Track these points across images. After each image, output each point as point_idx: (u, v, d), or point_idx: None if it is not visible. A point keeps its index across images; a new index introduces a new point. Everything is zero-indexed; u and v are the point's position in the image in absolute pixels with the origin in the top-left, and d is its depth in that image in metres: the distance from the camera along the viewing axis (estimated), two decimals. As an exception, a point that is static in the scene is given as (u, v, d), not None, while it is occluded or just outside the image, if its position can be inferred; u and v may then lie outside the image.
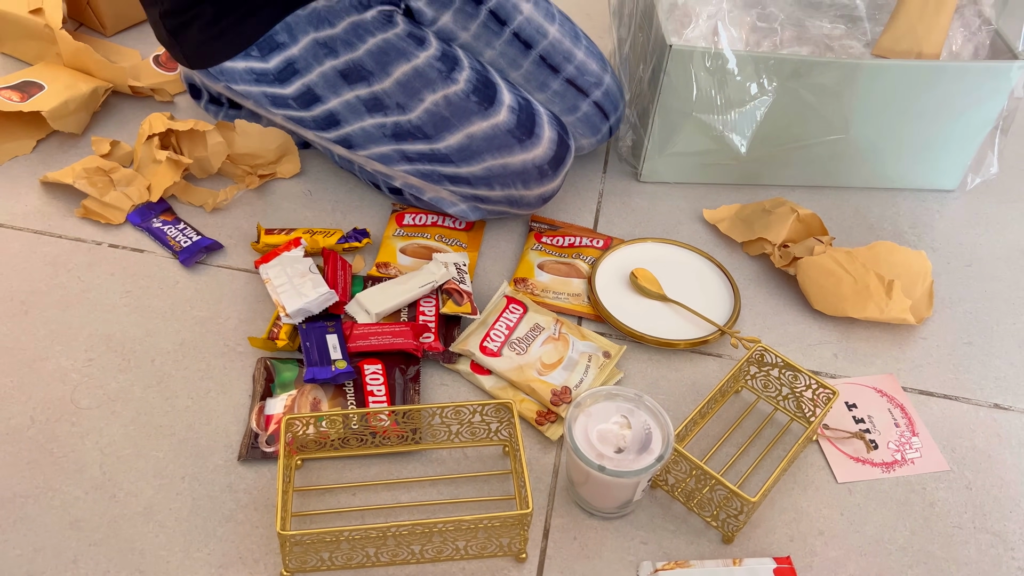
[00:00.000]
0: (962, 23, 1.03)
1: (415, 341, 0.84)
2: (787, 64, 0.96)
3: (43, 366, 0.82)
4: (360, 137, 0.93)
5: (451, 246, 0.97)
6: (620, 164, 1.12)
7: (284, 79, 0.92)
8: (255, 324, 0.88)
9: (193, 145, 1.01)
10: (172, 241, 0.94)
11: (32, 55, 1.16)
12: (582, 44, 1.03)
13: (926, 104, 1.01)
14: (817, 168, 1.08)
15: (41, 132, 1.06)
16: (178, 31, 0.93)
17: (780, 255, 0.97)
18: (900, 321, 0.92)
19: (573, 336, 0.87)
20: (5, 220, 0.96)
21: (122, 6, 1.24)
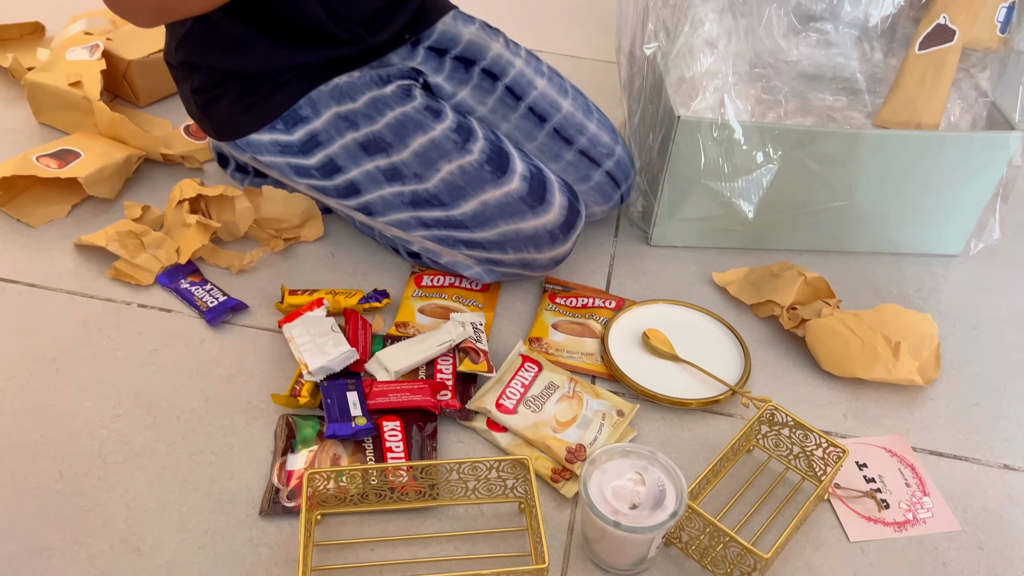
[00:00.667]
0: (959, 95, 1.07)
1: (433, 399, 0.87)
2: (791, 134, 1.00)
3: (72, 422, 0.84)
4: (379, 205, 0.97)
5: (468, 306, 1.00)
6: (631, 228, 1.15)
7: (307, 151, 0.97)
8: (278, 382, 0.90)
9: (221, 209, 1.05)
10: (199, 301, 0.97)
11: (70, 125, 1.22)
12: (594, 117, 1.07)
13: (927, 172, 1.05)
14: (823, 233, 1.12)
15: (76, 197, 1.11)
16: (207, 106, 0.98)
17: (788, 317, 0.99)
18: (908, 382, 0.93)
19: (587, 395, 0.89)
20: (40, 281, 0.99)
21: (155, 79, 1.30)
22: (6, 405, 0.85)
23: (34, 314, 0.95)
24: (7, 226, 1.07)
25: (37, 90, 1.22)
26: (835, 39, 1.08)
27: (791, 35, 1.08)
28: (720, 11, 1.06)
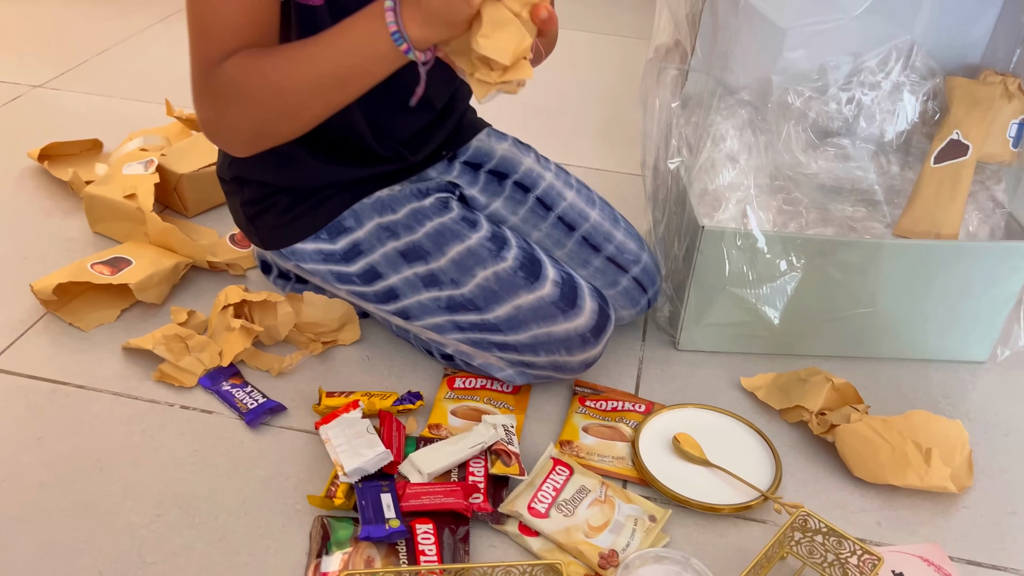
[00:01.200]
0: (976, 206, 1.10)
1: (465, 501, 0.88)
2: (813, 243, 1.03)
3: (114, 521, 0.86)
4: (417, 309, 1.01)
5: (499, 408, 1.02)
6: (659, 333, 1.18)
7: (350, 259, 1.01)
8: (314, 483, 0.92)
9: (264, 314, 1.09)
10: (239, 403, 1.00)
11: (123, 234, 1.29)
12: (621, 226, 1.12)
13: (949, 281, 1.07)
14: (848, 339, 1.13)
15: (126, 302, 1.16)
16: (256, 217, 1.04)
17: (818, 423, 1.00)
18: (941, 489, 0.93)
19: (619, 499, 0.90)
20: (88, 383, 1.03)
21: (203, 192, 1.38)
22: (51, 504, 0.87)
23: (81, 415, 0.99)
24: (59, 330, 1.11)
25: (94, 202, 1.29)
26: (852, 153, 1.13)
27: (809, 149, 1.14)
28: (740, 127, 1.12)
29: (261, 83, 0.80)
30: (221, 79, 0.81)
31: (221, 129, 0.85)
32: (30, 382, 1.03)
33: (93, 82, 1.84)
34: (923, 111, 1.11)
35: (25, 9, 2.20)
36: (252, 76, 0.80)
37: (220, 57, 0.81)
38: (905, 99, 1.11)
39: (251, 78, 0.80)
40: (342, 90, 0.81)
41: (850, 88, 1.10)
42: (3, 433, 0.96)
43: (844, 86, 1.10)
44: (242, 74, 0.80)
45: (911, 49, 1.10)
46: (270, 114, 0.82)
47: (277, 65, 0.80)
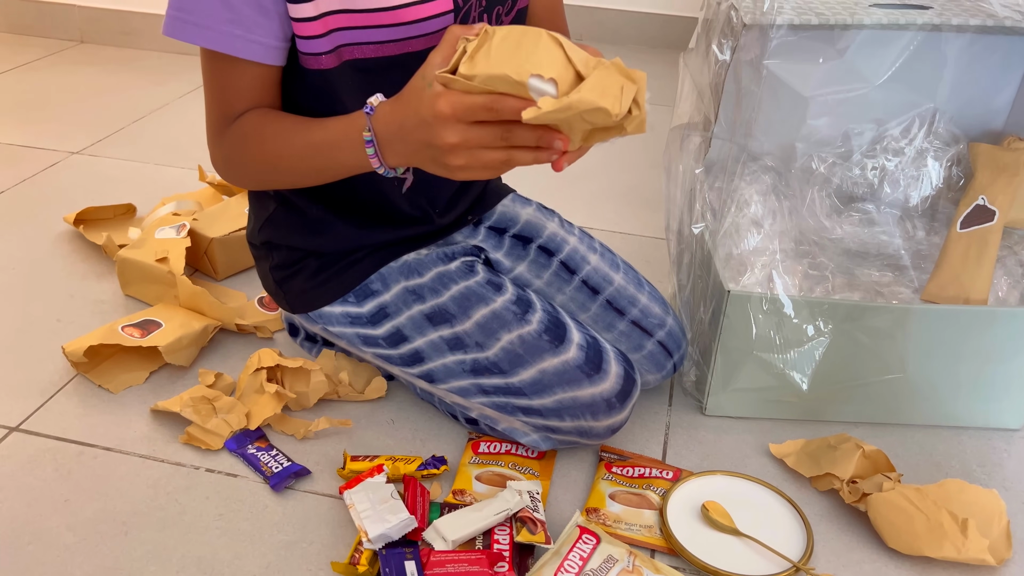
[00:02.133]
0: (1005, 271, 1.10)
1: (490, 570, 0.86)
2: (841, 308, 1.03)
3: (137, 586, 0.86)
4: (442, 372, 1.01)
5: (524, 474, 1.01)
6: (685, 398, 1.17)
7: (376, 322, 1.02)
8: (337, 549, 0.91)
9: (295, 380, 1.10)
10: (264, 467, 1.00)
11: (153, 297, 1.31)
12: (645, 290, 1.12)
13: (979, 346, 1.06)
14: (878, 405, 1.12)
15: (155, 364, 1.17)
16: (284, 281, 1.06)
17: (849, 491, 0.98)
18: (979, 562, 0.90)
19: (647, 569, 0.88)
20: (115, 445, 1.04)
21: (233, 255, 1.40)
22: (75, 568, 0.87)
23: (108, 477, 0.99)
24: (89, 391, 1.13)
25: (127, 265, 1.32)
26: (877, 218, 1.14)
27: (834, 214, 1.14)
28: (764, 193, 1.13)
29: (261, 152, 0.88)
30: (231, 138, 0.89)
31: (231, 175, 0.93)
32: (58, 444, 1.04)
33: (129, 148, 1.90)
34: (947, 176, 1.12)
35: (65, 78, 2.29)
36: (254, 143, 0.88)
37: (231, 117, 0.89)
38: (929, 165, 1.12)
39: (253, 145, 0.88)
40: (332, 176, 0.87)
41: (874, 154, 1.11)
42: (31, 495, 0.96)
43: (868, 152, 1.11)
44: (247, 139, 0.88)
45: (934, 116, 1.11)
46: (270, 175, 0.90)
47: (276, 138, 0.86)
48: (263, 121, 0.88)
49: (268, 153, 0.87)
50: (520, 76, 0.65)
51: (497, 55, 0.66)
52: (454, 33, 0.72)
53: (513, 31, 0.68)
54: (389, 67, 0.89)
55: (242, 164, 0.90)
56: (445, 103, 0.69)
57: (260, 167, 0.89)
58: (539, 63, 0.65)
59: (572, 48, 0.67)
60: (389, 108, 0.77)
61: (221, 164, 0.92)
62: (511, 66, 0.66)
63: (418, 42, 0.89)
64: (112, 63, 2.43)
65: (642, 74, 0.66)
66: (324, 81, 0.89)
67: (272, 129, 0.87)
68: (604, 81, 0.65)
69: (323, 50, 0.86)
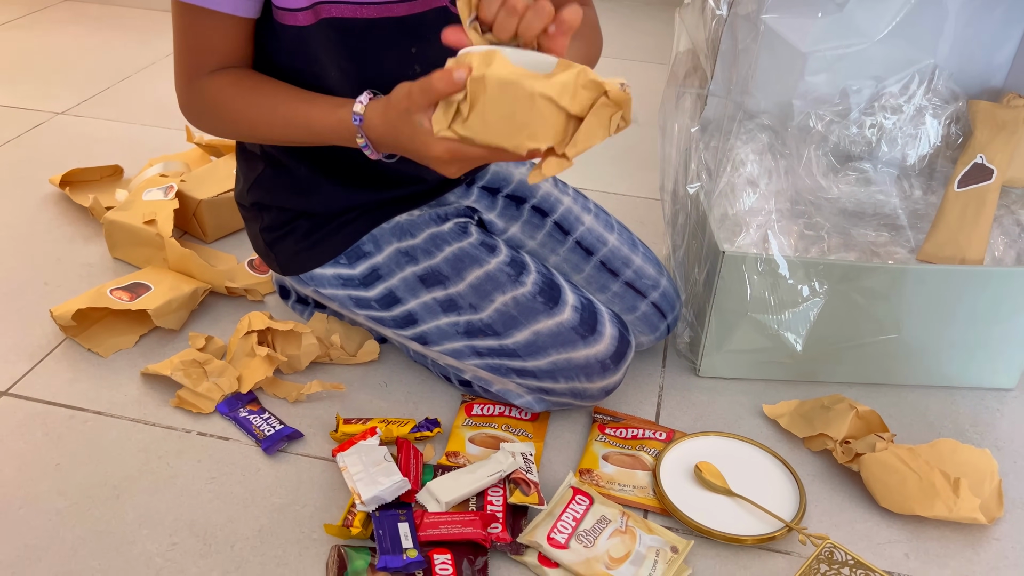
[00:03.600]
0: (1002, 231, 1.09)
1: (483, 531, 0.86)
2: (836, 269, 1.02)
3: (129, 550, 0.85)
4: (435, 334, 1.00)
5: (518, 436, 1.01)
6: (679, 359, 1.17)
7: (368, 284, 1.01)
8: (330, 512, 0.91)
9: (287, 344, 1.09)
10: (256, 430, 0.99)
11: (141, 260, 1.29)
12: (639, 251, 1.11)
13: (974, 306, 1.05)
14: (872, 366, 1.11)
15: (144, 328, 1.16)
16: (275, 243, 1.04)
17: (842, 451, 0.98)
18: (970, 520, 0.91)
19: (640, 529, 0.88)
20: (106, 409, 1.03)
21: (222, 217, 1.38)
22: (66, 532, 0.87)
23: (98, 441, 0.98)
24: (78, 356, 1.12)
25: (114, 227, 1.30)
26: (874, 177, 1.12)
27: (831, 174, 1.13)
28: (760, 152, 1.11)
29: (234, 116, 0.87)
30: (202, 95, 0.88)
31: (201, 127, 0.92)
32: (48, 408, 1.03)
33: (114, 109, 1.87)
34: (946, 135, 1.10)
35: (48, 37, 2.24)
36: (228, 106, 0.87)
37: (202, 70, 0.88)
38: (927, 123, 1.10)
39: (227, 108, 0.87)
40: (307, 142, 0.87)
41: (872, 112, 1.09)
42: (21, 459, 0.96)
43: (866, 110, 1.09)
44: (220, 101, 0.87)
45: (933, 73, 1.09)
46: (239, 135, 0.91)
47: (252, 106, 0.86)
48: (241, 87, 0.87)
49: (245, 120, 0.87)
50: (518, 149, 0.69)
51: (493, 120, 0.68)
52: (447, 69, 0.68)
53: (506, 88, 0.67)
54: (368, 28, 0.87)
55: (214, 122, 0.90)
56: (443, 150, 0.72)
57: (234, 128, 0.89)
58: (535, 133, 0.68)
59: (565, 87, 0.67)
60: (380, 121, 0.78)
61: (190, 114, 0.91)
62: (507, 139, 0.69)
63: (400, 7, 0.87)
64: (96, 21, 2.38)
65: (628, 96, 0.68)
66: (300, 39, 0.86)
67: (250, 98, 0.87)
68: (596, 121, 0.68)
69: (299, 6, 0.83)
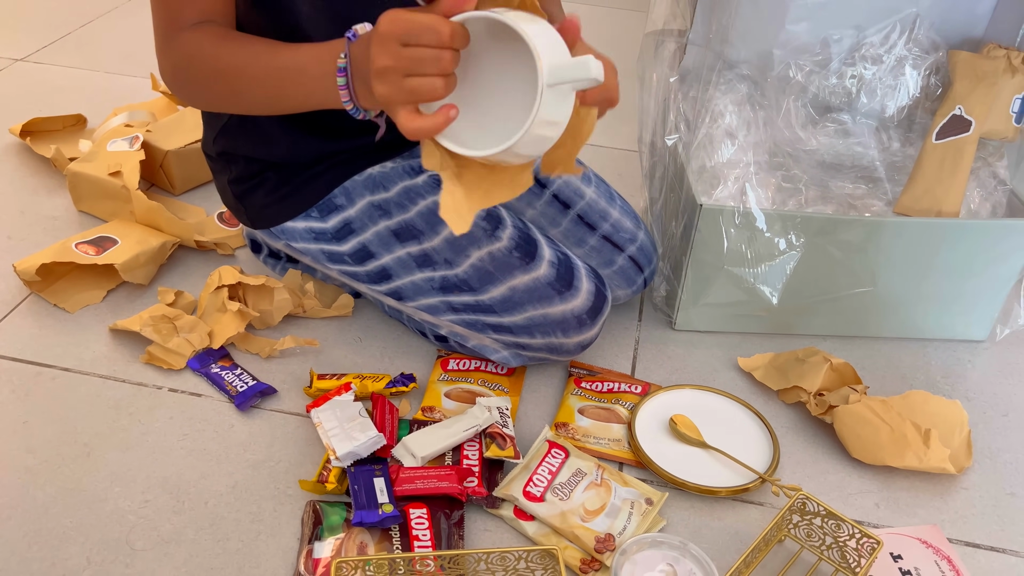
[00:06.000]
0: (978, 183, 1.09)
1: (459, 485, 0.86)
2: (813, 222, 1.02)
3: (101, 507, 0.85)
4: (410, 290, 0.99)
5: (494, 390, 1.01)
6: (655, 313, 1.16)
7: (341, 238, 0.99)
8: (305, 467, 0.90)
9: (259, 298, 1.07)
10: (229, 386, 0.98)
11: (107, 213, 1.26)
12: (616, 204, 1.10)
13: (949, 259, 1.05)
14: (847, 318, 1.12)
15: (112, 283, 1.14)
16: (244, 195, 1.02)
17: (816, 403, 0.99)
18: (940, 470, 0.92)
19: (615, 482, 0.88)
20: (74, 365, 1.01)
21: (190, 169, 1.35)
22: (37, 490, 0.86)
23: (68, 398, 0.97)
24: (44, 311, 1.09)
25: (78, 180, 1.26)
26: (853, 129, 1.11)
27: (809, 125, 1.11)
28: (739, 103, 1.09)
29: (216, 70, 0.81)
30: (181, 50, 0.82)
31: (181, 91, 0.86)
32: (14, 365, 1.01)
33: (76, 55, 1.80)
34: (925, 86, 1.09)
35: (6, -20, 2.15)
36: (210, 60, 0.81)
37: (181, 24, 0.82)
38: (907, 73, 1.09)
39: (209, 62, 0.81)
40: (292, 106, 0.80)
41: (853, 63, 1.07)
42: (-13, 417, 0.94)
43: (847, 60, 1.07)
44: (198, 56, 0.81)
45: (915, 22, 1.08)
46: (224, 97, 0.83)
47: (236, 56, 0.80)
48: (222, 38, 0.81)
49: (225, 73, 0.81)
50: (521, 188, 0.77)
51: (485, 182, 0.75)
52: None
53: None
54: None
55: (194, 81, 0.83)
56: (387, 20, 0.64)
57: (214, 87, 0.82)
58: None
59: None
60: (364, 46, 0.69)
61: (170, 76, 0.85)
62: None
63: None
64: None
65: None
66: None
67: (232, 47, 0.80)
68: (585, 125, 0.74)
69: None
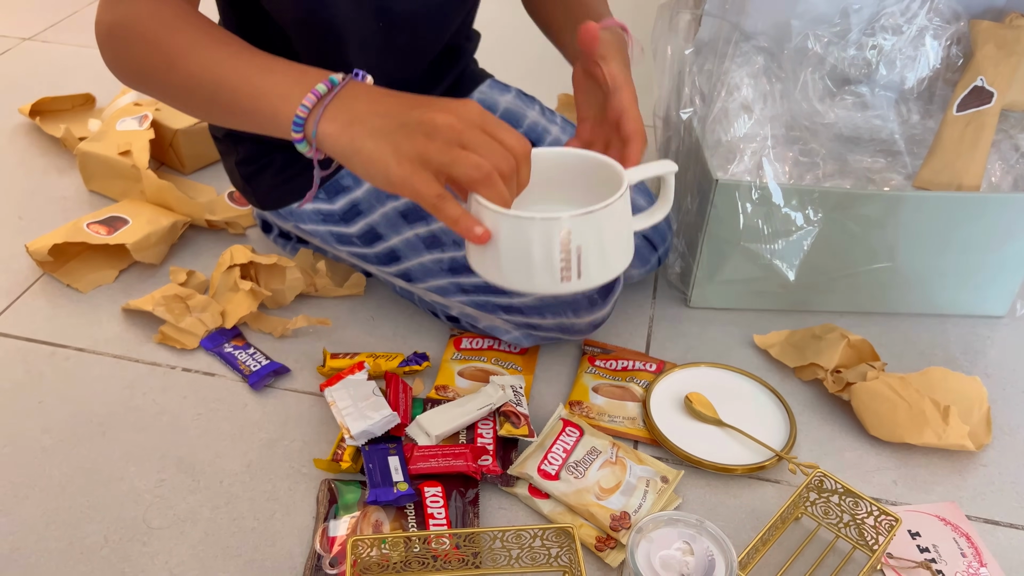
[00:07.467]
0: (999, 156, 1.07)
1: (474, 464, 0.86)
2: (831, 196, 1.00)
3: (118, 487, 0.85)
4: (419, 271, 0.98)
5: (507, 369, 1.00)
6: (670, 290, 1.15)
7: (349, 219, 0.98)
8: (319, 446, 0.90)
9: (271, 278, 1.07)
10: (242, 365, 0.98)
11: (118, 192, 1.25)
12: (631, 180, 1.08)
13: (970, 233, 1.04)
14: (865, 295, 1.10)
15: (124, 263, 1.13)
16: (251, 177, 1.01)
17: (833, 380, 0.98)
18: (959, 447, 0.91)
19: (630, 460, 0.88)
20: (87, 345, 1.01)
21: (200, 147, 1.34)
22: (53, 469, 0.86)
23: (81, 378, 0.97)
24: (57, 292, 1.09)
25: (88, 159, 1.26)
26: (871, 101, 1.09)
27: (827, 98, 1.09)
28: (755, 75, 1.07)
29: (155, 53, 0.71)
30: (129, 10, 0.72)
31: (109, 55, 0.75)
32: (29, 345, 1.01)
33: (84, 34, 1.79)
34: (946, 56, 1.07)
35: (12, -42, 2.14)
36: (151, 38, 0.71)
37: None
38: (927, 44, 1.06)
39: (148, 39, 0.71)
40: (226, 118, 0.72)
41: (872, 33, 1.05)
42: (3, 397, 0.94)
43: (866, 31, 1.05)
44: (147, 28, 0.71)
45: (936, -10, 1.05)
46: (148, 81, 0.73)
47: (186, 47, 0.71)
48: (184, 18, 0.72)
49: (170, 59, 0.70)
50: None
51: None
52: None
53: None
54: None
55: (129, 52, 0.72)
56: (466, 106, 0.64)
57: (150, 67, 0.72)
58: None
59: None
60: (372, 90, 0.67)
61: (104, 33, 0.73)
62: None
63: None
64: (61, -60, 2.27)
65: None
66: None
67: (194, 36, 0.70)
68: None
69: None
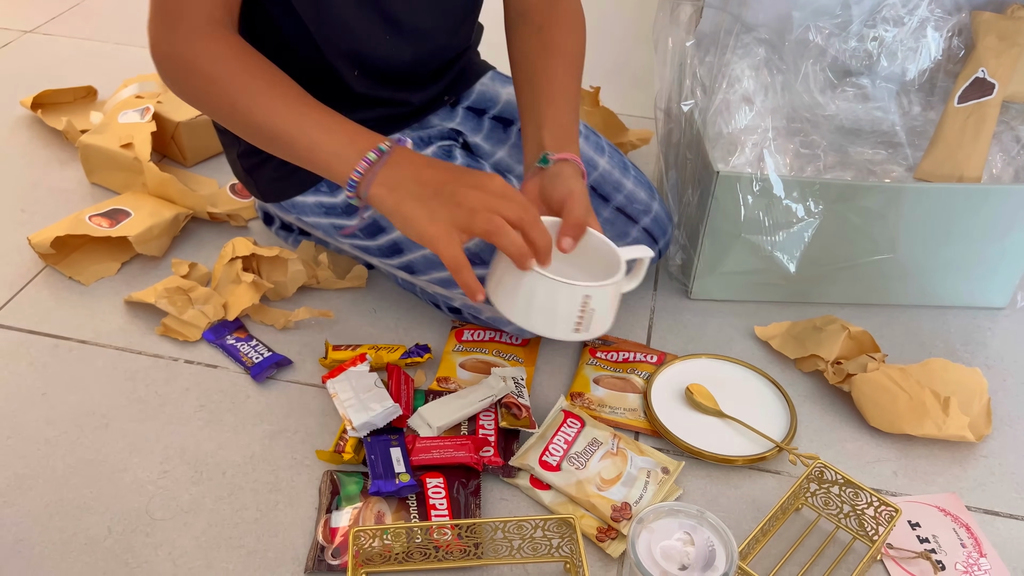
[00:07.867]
0: (1000, 148, 1.06)
1: (475, 455, 0.86)
2: (832, 188, 1.00)
3: (121, 478, 0.85)
4: (422, 264, 0.98)
5: (508, 361, 1.00)
6: (671, 282, 1.15)
7: (351, 212, 0.98)
8: (322, 438, 0.91)
9: (273, 270, 1.07)
10: (244, 357, 0.98)
11: (120, 185, 1.26)
12: (631, 174, 1.08)
13: (971, 225, 1.04)
14: (866, 286, 1.11)
15: (126, 255, 1.14)
16: (253, 169, 1.01)
17: (833, 372, 0.98)
18: (959, 438, 0.91)
19: (631, 451, 0.88)
20: (90, 337, 1.02)
21: (202, 140, 1.34)
22: (57, 461, 0.87)
23: (85, 370, 0.97)
24: (59, 284, 1.09)
25: (90, 152, 1.26)
26: (873, 93, 1.09)
27: (828, 90, 1.09)
28: (756, 67, 1.07)
29: (221, 97, 0.76)
30: (193, 57, 0.76)
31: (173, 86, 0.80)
32: (32, 337, 1.01)
33: (85, 26, 1.79)
34: (947, 48, 1.07)
35: (13, -49, 2.14)
36: (218, 84, 0.76)
37: (188, 18, 0.76)
38: (929, 35, 1.06)
39: (216, 85, 0.76)
40: (286, 156, 0.79)
41: (873, 24, 1.05)
42: (6, 389, 0.94)
43: (867, 22, 1.05)
44: (211, 74, 0.76)
45: (938, -18, 1.05)
46: (215, 114, 0.80)
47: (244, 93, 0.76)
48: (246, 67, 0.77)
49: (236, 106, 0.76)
50: None
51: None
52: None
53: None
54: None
55: (195, 89, 0.78)
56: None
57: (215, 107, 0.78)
58: None
59: None
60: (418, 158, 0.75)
61: (169, 70, 0.78)
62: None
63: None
64: (62, -67, 2.27)
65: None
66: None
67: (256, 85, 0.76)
68: None
69: None
